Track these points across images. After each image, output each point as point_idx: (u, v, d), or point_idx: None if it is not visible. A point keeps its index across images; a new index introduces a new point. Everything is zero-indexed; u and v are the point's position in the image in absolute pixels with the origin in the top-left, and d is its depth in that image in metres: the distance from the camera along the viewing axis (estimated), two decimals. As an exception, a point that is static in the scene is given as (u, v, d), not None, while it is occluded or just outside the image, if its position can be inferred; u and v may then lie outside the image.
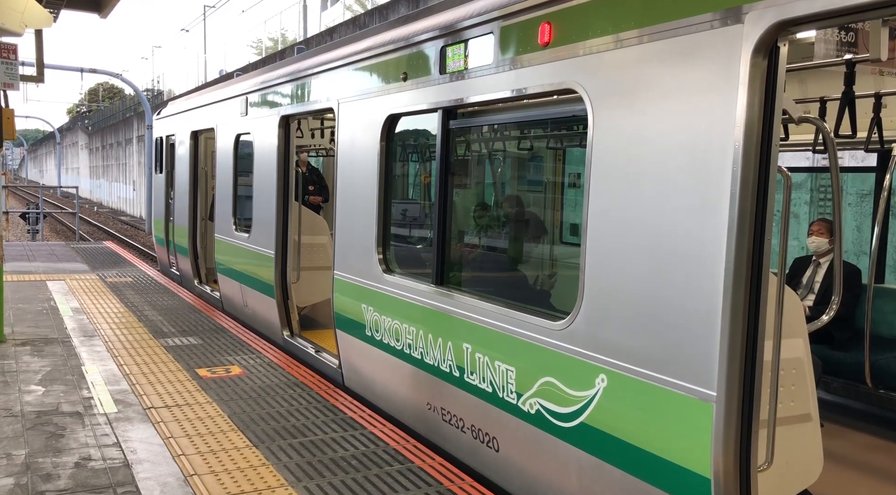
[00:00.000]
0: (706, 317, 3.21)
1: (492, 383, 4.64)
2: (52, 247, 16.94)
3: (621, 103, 3.69)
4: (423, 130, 6.05)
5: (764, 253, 3.09)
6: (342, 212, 6.64)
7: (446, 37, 5.13)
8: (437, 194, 5.34)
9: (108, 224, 36.81)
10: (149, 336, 8.27)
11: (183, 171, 12.29)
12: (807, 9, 2.82)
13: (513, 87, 4.49)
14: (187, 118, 12.12)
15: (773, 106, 3.03)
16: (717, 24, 3.16)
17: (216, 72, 34.45)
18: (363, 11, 22.14)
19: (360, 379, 6.52)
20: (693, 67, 3.29)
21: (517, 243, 6.26)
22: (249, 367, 7.13)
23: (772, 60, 3.02)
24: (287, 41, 31.38)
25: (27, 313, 9.25)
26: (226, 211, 10.04)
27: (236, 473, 4.64)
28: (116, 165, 52.22)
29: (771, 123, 3.04)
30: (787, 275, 3.23)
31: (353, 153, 6.47)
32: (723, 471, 3.15)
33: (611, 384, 3.74)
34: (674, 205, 3.39)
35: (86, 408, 5.76)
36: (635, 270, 3.60)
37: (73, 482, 4.44)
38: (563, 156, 6.20)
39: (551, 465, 4.20)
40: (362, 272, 6.24)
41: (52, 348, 7.59)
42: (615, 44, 3.71)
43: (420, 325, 5.42)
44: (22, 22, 8.06)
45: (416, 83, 5.48)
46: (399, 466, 4.84)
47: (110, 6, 11.28)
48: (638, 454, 3.59)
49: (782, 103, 3.04)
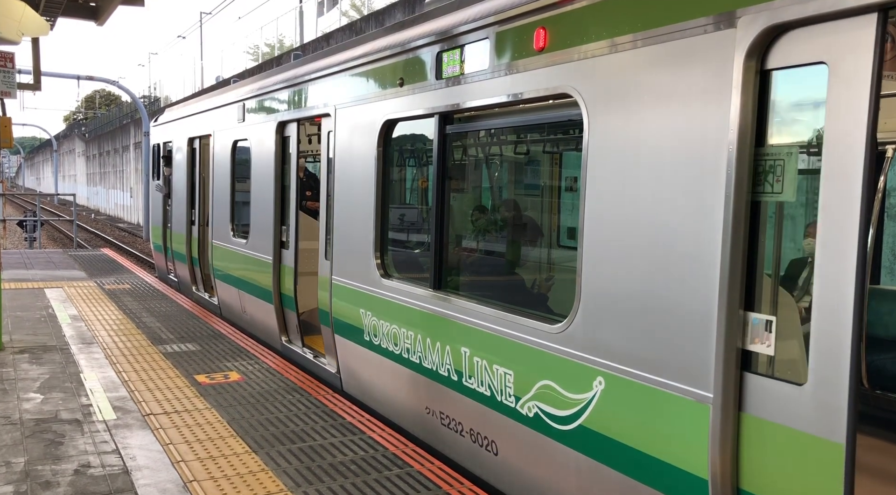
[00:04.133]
0: (702, 319, 3.23)
1: (490, 387, 4.65)
2: (49, 254, 16.92)
3: (616, 107, 3.71)
4: (420, 135, 6.07)
5: (759, 255, 3.11)
6: (340, 217, 6.66)
7: (442, 42, 5.15)
8: (435, 199, 5.36)
9: (106, 231, 36.77)
10: (147, 342, 8.27)
11: (180, 178, 12.30)
12: (799, 13, 2.85)
13: (509, 91, 4.51)
14: (184, 125, 12.13)
15: (766, 109, 3.06)
16: (711, 28, 3.19)
17: (213, 78, 34.45)
18: (359, 17, 22.18)
19: (358, 383, 6.53)
20: (687, 71, 3.32)
21: (514, 247, 6.28)
22: (248, 373, 7.13)
23: (765, 64, 3.04)
24: (284, 47, 31.39)
25: (25, 321, 9.24)
26: (223, 217, 10.05)
27: (235, 479, 4.65)
28: (114, 172, 52.20)
29: (765, 126, 3.06)
30: (782, 276, 3.24)
31: (350, 159, 6.49)
32: (720, 473, 3.17)
33: (608, 386, 3.76)
34: (669, 208, 3.41)
35: (85, 416, 5.76)
36: (631, 273, 3.62)
37: (72, 489, 4.45)
38: (559, 161, 6.23)
39: (550, 468, 4.21)
40: (360, 277, 6.26)
41: (50, 356, 7.59)
42: (610, 48, 3.74)
43: (418, 330, 5.43)
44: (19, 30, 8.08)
45: (413, 88, 5.50)
46: (398, 470, 4.85)
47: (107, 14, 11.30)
48: (636, 456, 3.61)
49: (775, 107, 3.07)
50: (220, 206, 10.21)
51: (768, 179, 3.05)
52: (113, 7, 11.02)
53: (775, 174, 3.03)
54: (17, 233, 28.09)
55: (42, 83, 11.37)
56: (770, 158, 3.05)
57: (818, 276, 2.81)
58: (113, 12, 11.23)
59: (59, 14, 11.13)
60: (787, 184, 3.00)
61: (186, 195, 11.94)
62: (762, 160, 3.07)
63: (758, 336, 3.09)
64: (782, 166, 3.00)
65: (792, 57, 2.95)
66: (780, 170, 3.01)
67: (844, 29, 2.74)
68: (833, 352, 2.76)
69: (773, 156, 3.05)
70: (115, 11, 11.18)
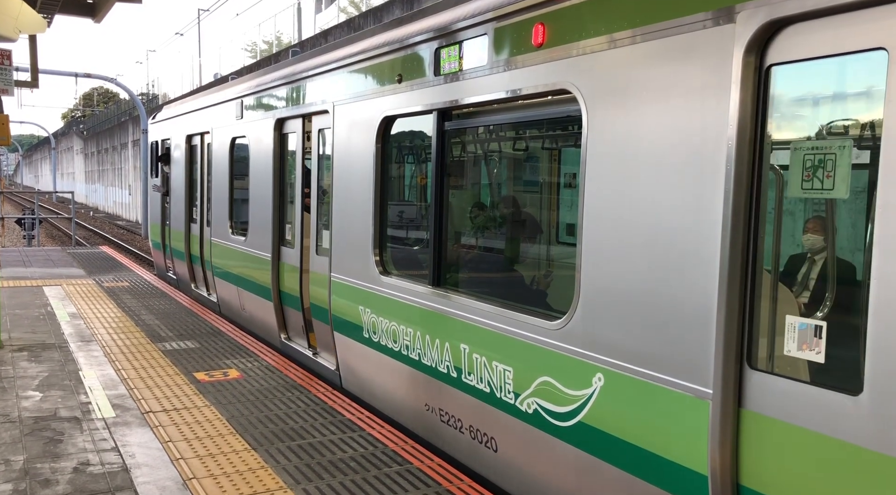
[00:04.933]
0: (701, 315, 3.23)
1: (489, 383, 4.65)
2: (48, 252, 16.90)
3: (615, 103, 3.70)
4: (419, 132, 6.06)
5: (758, 250, 3.11)
6: (338, 214, 6.65)
7: (441, 38, 5.14)
8: (433, 195, 5.35)
9: (105, 229, 36.74)
10: (146, 340, 8.26)
11: (179, 175, 12.29)
12: (798, 7, 2.84)
13: (507, 87, 4.50)
14: (183, 122, 12.11)
15: (766, 104, 3.05)
16: (710, 23, 3.18)
17: (211, 75, 34.38)
18: (358, 14, 22.15)
19: (357, 381, 6.53)
20: (686, 67, 3.31)
21: (513, 244, 6.26)
22: (247, 370, 7.13)
23: (764, 59, 3.03)
24: (282, 44, 31.36)
25: (24, 319, 9.23)
26: (222, 214, 10.04)
27: (235, 476, 4.64)
28: (112, 170, 52.15)
29: (764, 121, 3.05)
30: (781, 272, 3.23)
31: (348, 155, 6.48)
32: (720, 468, 3.17)
33: (607, 383, 3.76)
34: (668, 204, 3.40)
35: (84, 413, 5.76)
36: (631, 269, 3.61)
37: (71, 487, 4.44)
38: (558, 157, 6.21)
39: (549, 465, 4.21)
40: (359, 274, 6.25)
41: (49, 353, 7.58)
42: (608, 44, 3.73)
43: (417, 326, 5.43)
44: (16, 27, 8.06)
45: (411, 85, 5.49)
46: (398, 467, 4.85)
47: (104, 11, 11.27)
48: (635, 452, 3.61)
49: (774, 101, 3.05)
50: (219, 204, 10.20)
51: (818, 175, 2.89)
52: (110, 4, 10.99)
53: (825, 169, 2.86)
54: (16, 230, 28.08)
55: (40, 81, 11.34)
56: (819, 153, 2.88)
57: (875, 278, 2.65)
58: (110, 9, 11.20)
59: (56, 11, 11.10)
60: (840, 181, 2.83)
61: (185, 192, 11.93)
62: (809, 155, 2.91)
63: (805, 342, 2.94)
64: (833, 161, 2.84)
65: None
66: (832, 165, 2.84)
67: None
68: (894, 361, 2.58)
69: (821, 150, 2.88)
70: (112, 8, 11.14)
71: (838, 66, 2.89)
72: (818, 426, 2.83)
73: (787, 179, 3.01)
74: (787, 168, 3.02)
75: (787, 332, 3.04)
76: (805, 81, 3.00)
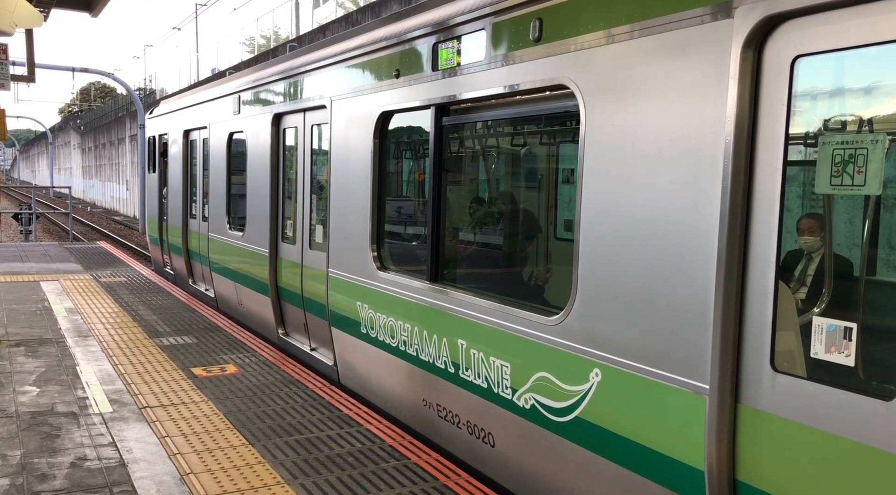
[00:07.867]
0: (699, 311, 3.23)
1: (487, 379, 4.65)
2: (45, 247, 16.88)
3: (613, 98, 3.70)
4: (417, 127, 6.05)
5: (756, 246, 3.11)
6: (336, 209, 6.64)
7: (438, 33, 5.13)
8: (431, 191, 5.35)
9: (102, 224, 36.68)
10: (143, 335, 8.26)
11: (176, 170, 12.27)
12: (797, 3, 2.84)
13: (505, 83, 4.49)
14: (180, 117, 12.09)
15: (763, 100, 3.05)
16: (708, 18, 3.18)
17: (208, 70, 34.29)
18: (355, 9, 22.10)
19: (355, 376, 6.53)
20: (684, 62, 3.30)
21: (511, 239, 6.27)
22: (244, 366, 7.13)
23: (762, 55, 3.03)
24: (280, 39, 31.30)
25: (21, 314, 9.22)
26: (220, 210, 10.02)
27: (232, 471, 4.64)
28: (109, 165, 52.04)
29: (761, 117, 3.05)
30: (779, 268, 3.23)
31: (346, 151, 6.47)
32: (716, 464, 3.17)
33: (605, 378, 3.76)
34: (666, 199, 3.40)
35: (81, 408, 5.76)
36: (628, 265, 3.61)
37: (68, 482, 4.44)
38: (556, 152, 6.21)
39: (547, 460, 4.22)
40: (357, 269, 6.25)
41: (46, 348, 7.57)
42: (606, 39, 3.72)
43: (415, 322, 5.43)
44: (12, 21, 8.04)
45: (409, 80, 5.48)
46: (395, 463, 4.85)
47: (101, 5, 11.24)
48: (632, 448, 3.61)
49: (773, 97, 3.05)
50: (217, 199, 10.18)
51: (848, 171, 2.78)
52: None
53: (856, 165, 2.74)
54: (13, 226, 28.02)
55: (36, 75, 11.33)
56: (850, 147, 2.78)
57: None
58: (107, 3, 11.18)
59: (52, 5, 11.08)
60: (871, 176, 2.73)
61: (182, 188, 11.91)
62: (839, 150, 2.81)
63: (834, 344, 2.85)
64: (865, 156, 2.73)
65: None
66: (863, 160, 2.73)
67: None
68: None
69: (853, 144, 2.77)
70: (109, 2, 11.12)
71: (836, 62, 2.88)
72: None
73: (791, 175, 2.98)
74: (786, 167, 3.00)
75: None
76: (802, 77, 3.00)
